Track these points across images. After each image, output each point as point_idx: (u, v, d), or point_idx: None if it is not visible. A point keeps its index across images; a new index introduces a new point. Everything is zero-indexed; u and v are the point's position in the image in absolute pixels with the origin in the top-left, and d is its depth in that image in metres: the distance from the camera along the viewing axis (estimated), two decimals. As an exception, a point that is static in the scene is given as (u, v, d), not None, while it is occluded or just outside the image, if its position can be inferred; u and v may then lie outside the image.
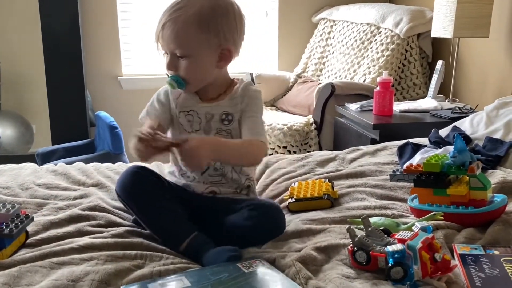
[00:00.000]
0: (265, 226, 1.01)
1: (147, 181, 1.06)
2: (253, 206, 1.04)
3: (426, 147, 1.53)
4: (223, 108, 1.13)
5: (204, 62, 1.09)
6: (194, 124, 1.14)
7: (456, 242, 0.96)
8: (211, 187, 1.13)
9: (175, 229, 1.01)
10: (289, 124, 2.54)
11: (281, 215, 1.06)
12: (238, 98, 1.13)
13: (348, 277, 0.84)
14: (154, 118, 1.14)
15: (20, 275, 0.82)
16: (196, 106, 1.14)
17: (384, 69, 2.63)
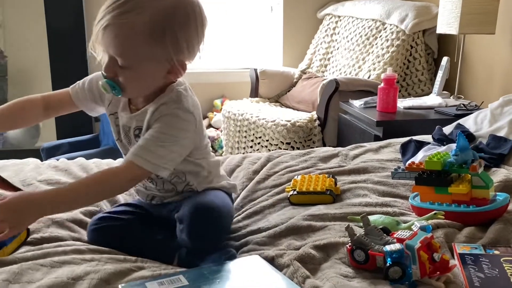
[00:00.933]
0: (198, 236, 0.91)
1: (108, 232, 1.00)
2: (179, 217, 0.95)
3: (430, 144, 1.51)
4: (137, 122, 1.00)
5: (149, 76, 0.94)
6: (121, 132, 1.05)
7: (456, 241, 0.95)
8: (151, 192, 1.08)
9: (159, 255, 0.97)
10: (293, 120, 2.53)
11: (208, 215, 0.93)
12: (149, 112, 0.96)
13: (346, 276, 0.84)
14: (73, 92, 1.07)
15: (21, 272, 0.82)
16: (120, 113, 1.03)
17: (389, 65, 2.62)
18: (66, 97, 1.09)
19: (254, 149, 2.66)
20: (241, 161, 1.53)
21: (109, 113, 1.07)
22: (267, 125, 2.56)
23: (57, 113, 1.13)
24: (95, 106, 1.10)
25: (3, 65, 3.16)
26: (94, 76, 1.08)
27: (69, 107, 1.11)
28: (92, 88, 1.07)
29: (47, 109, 1.10)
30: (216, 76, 3.52)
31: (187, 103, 0.97)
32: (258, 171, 1.44)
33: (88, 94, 1.08)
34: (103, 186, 0.94)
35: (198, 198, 0.99)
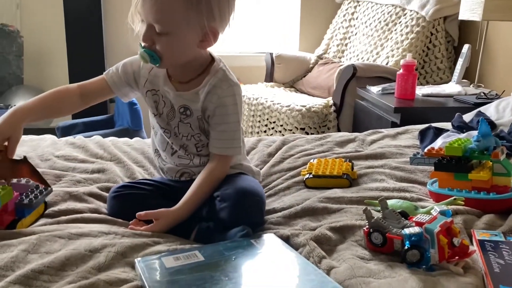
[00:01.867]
0: (239, 216, 0.95)
1: (129, 200, 1.03)
2: (222, 196, 0.98)
3: (449, 131, 1.49)
4: (184, 100, 1.04)
5: (185, 42, 0.98)
6: (159, 107, 1.08)
7: (476, 228, 0.94)
8: (182, 169, 1.11)
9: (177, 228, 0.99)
10: (308, 106, 2.51)
11: (252, 201, 0.97)
12: (202, 95, 1.02)
13: (363, 258, 0.83)
14: (109, 78, 1.09)
15: (39, 243, 0.83)
16: (163, 88, 1.06)
17: (408, 52, 2.57)
18: (103, 84, 1.11)
19: (268, 134, 2.65)
20: (256, 144, 1.53)
21: (146, 90, 1.09)
22: (282, 110, 2.55)
23: (94, 100, 1.14)
24: (129, 90, 1.12)
25: (20, 45, 3.18)
26: (128, 60, 1.11)
27: (105, 94, 1.13)
28: (127, 70, 1.10)
29: (84, 97, 1.12)
30: (231, 60, 3.48)
31: (232, 77, 1.06)
32: (273, 154, 1.44)
33: (123, 77, 1.10)
34: (214, 183, 1.03)
35: (240, 182, 1.02)
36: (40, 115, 1.09)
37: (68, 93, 1.10)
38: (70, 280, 0.74)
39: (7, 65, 3.16)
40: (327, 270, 0.79)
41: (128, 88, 1.11)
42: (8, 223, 0.90)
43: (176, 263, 0.80)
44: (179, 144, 1.09)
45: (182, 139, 1.08)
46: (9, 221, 0.90)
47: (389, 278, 0.75)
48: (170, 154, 1.11)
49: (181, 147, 1.09)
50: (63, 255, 0.79)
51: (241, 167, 1.13)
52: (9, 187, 0.90)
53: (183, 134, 1.08)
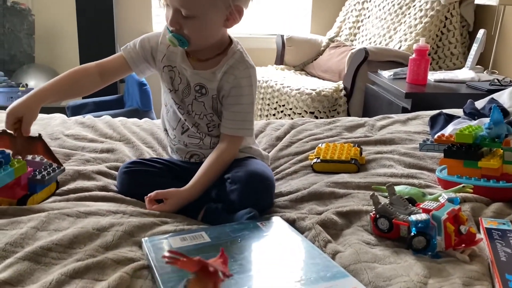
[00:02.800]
0: (250, 199, 0.95)
1: (140, 176, 1.04)
2: (233, 179, 0.98)
3: (460, 118, 1.47)
4: (201, 79, 1.05)
5: (212, 23, 0.99)
6: (174, 83, 1.08)
7: (484, 216, 0.93)
8: (192, 151, 1.12)
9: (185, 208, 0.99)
10: (318, 89, 2.49)
11: (263, 184, 0.98)
12: (219, 75, 1.03)
13: (369, 243, 0.83)
14: (127, 54, 1.09)
15: (49, 221, 0.84)
16: (180, 65, 1.07)
17: (421, 36, 2.53)
18: (121, 61, 1.11)
19: (277, 117, 2.64)
20: (264, 127, 1.52)
21: (164, 65, 1.09)
22: (291, 93, 2.53)
23: (113, 78, 1.14)
24: (146, 67, 1.12)
25: (31, 23, 3.17)
26: (145, 36, 1.11)
27: (123, 71, 1.13)
28: (145, 46, 1.10)
29: (103, 76, 1.11)
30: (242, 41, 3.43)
31: (249, 59, 1.07)
32: (281, 137, 1.43)
33: (141, 53, 1.10)
34: (224, 164, 1.05)
35: (251, 166, 1.02)
36: (59, 97, 1.10)
37: (87, 73, 1.10)
38: (78, 258, 0.75)
39: (18, 43, 3.16)
40: (332, 255, 0.79)
41: (146, 64, 1.11)
42: (19, 197, 0.91)
43: (183, 244, 0.81)
44: (192, 122, 1.09)
45: (195, 117, 1.09)
46: (21, 195, 0.91)
47: (394, 264, 0.75)
48: (180, 132, 1.11)
49: (193, 125, 1.10)
50: (71, 233, 0.80)
51: (250, 151, 1.14)
52: (23, 162, 0.92)
53: (196, 112, 1.08)
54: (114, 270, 0.72)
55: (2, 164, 0.88)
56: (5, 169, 0.88)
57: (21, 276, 0.70)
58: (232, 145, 1.06)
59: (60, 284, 0.68)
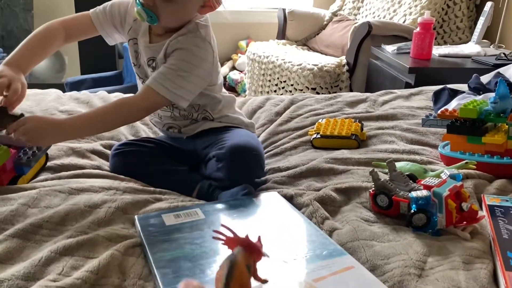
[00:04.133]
0: (238, 174, 0.93)
1: (132, 157, 1.01)
2: (218, 156, 0.95)
3: (465, 93, 1.43)
4: (152, 52, 1.02)
5: (188, 9, 0.97)
6: (139, 57, 1.05)
7: (486, 193, 0.90)
8: (167, 123, 1.09)
9: (179, 185, 0.97)
10: (320, 65, 2.44)
11: (249, 156, 0.94)
12: (169, 45, 0.98)
13: (367, 220, 0.81)
14: (94, 16, 1.06)
15: (40, 197, 0.83)
16: (140, 39, 1.04)
17: (427, 9, 2.45)
18: (86, 21, 1.08)
19: (278, 93, 2.60)
20: (263, 103, 1.49)
21: (129, 38, 1.07)
22: (293, 69, 2.48)
23: (77, 38, 1.12)
24: (114, 32, 1.09)
25: (28, -2, 3.11)
26: (116, 2, 1.08)
27: (89, 31, 1.09)
28: (114, 12, 1.07)
29: (68, 36, 1.09)
30: (242, 15, 3.39)
31: (204, 33, 1.00)
32: (280, 113, 1.40)
33: (109, 17, 1.07)
34: (121, 112, 0.95)
35: (233, 139, 0.98)
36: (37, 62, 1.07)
37: (53, 32, 1.06)
38: (69, 235, 0.73)
39: (15, 18, 3.11)
40: (329, 232, 0.77)
41: (113, 29, 1.08)
42: (8, 181, 0.89)
43: (176, 221, 0.79)
44: None
45: None
46: (10, 178, 0.89)
47: (393, 242, 0.73)
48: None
49: None
50: (62, 210, 0.79)
51: (228, 119, 1.10)
52: (5, 147, 0.88)
53: None
54: (106, 248, 0.71)
55: None
56: None
57: (10, 254, 0.68)
58: (142, 95, 0.96)
59: (49, 261, 0.66)
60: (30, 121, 0.87)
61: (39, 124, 0.88)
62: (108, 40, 1.11)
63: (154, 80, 0.95)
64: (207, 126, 1.08)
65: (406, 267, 0.66)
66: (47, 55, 1.10)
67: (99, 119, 0.94)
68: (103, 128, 0.99)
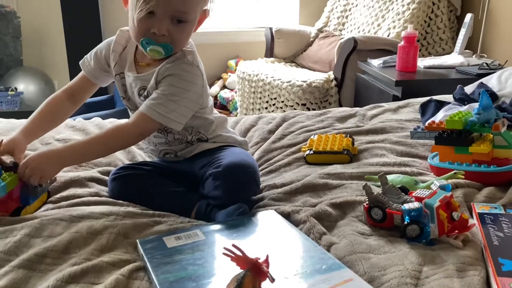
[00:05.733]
0: (235, 191, 0.96)
1: (130, 180, 1.03)
2: (214, 174, 0.97)
3: (450, 104, 1.48)
4: (143, 81, 1.04)
5: (193, 28, 1.02)
6: (127, 91, 1.09)
7: (476, 201, 0.94)
8: (163, 149, 1.12)
9: (178, 206, 0.99)
10: (309, 81, 2.49)
11: (245, 174, 0.97)
12: (159, 73, 1.01)
13: (363, 233, 0.83)
14: (87, 72, 1.12)
15: (42, 227, 0.84)
16: (127, 72, 1.07)
17: (410, 23, 2.53)
18: (85, 81, 1.13)
19: (269, 110, 2.64)
20: (256, 121, 1.52)
21: (115, 73, 1.10)
22: (283, 86, 2.53)
23: (83, 99, 1.16)
24: (106, 76, 1.13)
25: (17, 26, 3.14)
26: (97, 48, 1.13)
27: (91, 89, 1.15)
28: (98, 57, 1.11)
29: (73, 100, 1.14)
30: (230, 35, 3.45)
31: (191, 58, 1.04)
32: (273, 131, 1.43)
33: (97, 65, 1.11)
34: (115, 139, 0.99)
35: (229, 157, 1.01)
36: (43, 133, 1.15)
37: (58, 103, 1.13)
38: (73, 262, 0.75)
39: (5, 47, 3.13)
40: (327, 247, 0.79)
41: (103, 73, 1.12)
42: (12, 210, 0.90)
43: (178, 243, 0.81)
44: None
45: None
46: (14, 208, 0.91)
47: (389, 254, 0.76)
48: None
49: None
50: (65, 238, 0.80)
51: (222, 138, 1.13)
52: (15, 175, 0.91)
53: None
54: (110, 273, 0.72)
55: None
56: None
57: (16, 285, 0.70)
58: (135, 121, 0.99)
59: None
60: (32, 161, 0.92)
61: (41, 160, 0.93)
62: (104, 85, 1.16)
63: (146, 106, 0.98)
64: (203, 148, 1.10)
65: (403, 277, 0.68)
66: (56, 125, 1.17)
67: (95, 146, 0.98)
68: (99, 154, 1.03)
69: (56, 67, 3.28)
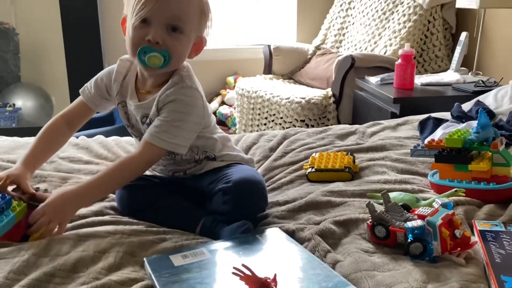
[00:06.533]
0: (243, 207, 0.98)
1: (137, 191, 1.05)
2: (224, 190, 0.98)
3: (448, 121, 1.50)
4: (144, 109, 1.06)
5: (189, 45, 1.03)
6: (130, 118, 1.11)
7: (476, 218, 0.95)
8: (171, 168, 1.13)
9: (183, 220, 1.01)
10: (307, 98, 2.52)
11: (254, 190, 0.99)
12: (159, 100, 1.03)
13: (367, 251, 0.85)
14: (87, 100, 1.13)
15: (49, 246, 0.84)
16: (129, 101, 1.09)
17: (406, 40, 2.57)
18: (83, 107, 1.15)
19: (268, 127, 2.66)
20: (257, 139, 1.54)
21: (117, 102, 1.12)
22: (281, 103, 2.55)
23: (80, 124, 1.18)
24: (106, 103, 1.15)
25: (16, 42, 3.16)
26: (98, 76, 1.14)
27: (88, 113, 1.17)
28: (99, 85, 1.13)
29: (71, 125, 1.16)
30: (229, 53, 3.50)
31: (189, 82, 1.05)
32: (274, 148, 1.45)
33: (97, 93, 1.13)
34: (126, 171, 1.01)
35: (238, 173, 1.03)
36: (43, 161, 1.16)
37: (57, 129, 1.14)
38: (82, 282, 0.75)
39: (5, 64, 3.15)
40: (332, 264, 0.80)
41: (105, 102, 1.14)
42: (20, 237, 0.91)
43: (184, 261, 0.82)
44: None
45: None
46: (22, 235, 0.91)
47: (393, 271, 0.77)
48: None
49: None
50: (73, 257, 0.81)
51: (229, 157, 1.14)
52: (24, 204, 0.91)
53: None
54: (119, 292, 0.73)
55: (4, 210, 0.87)
56: (7, 215, 0.87)
57: (26, 304, 0.70)
58: (143, 151, 1.01)
59: (66, 309, 0.68)
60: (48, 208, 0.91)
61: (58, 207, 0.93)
62: (104, 112, 1.19)
63: (150, 134, 1.01)
64: (212, 166, 1.12)
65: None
66: (55, 151, 1.18)
67: (108, 182, 1.00)
68: (113, 188, 1.05)
69: (54, 83, 3.30)
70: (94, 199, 1.04)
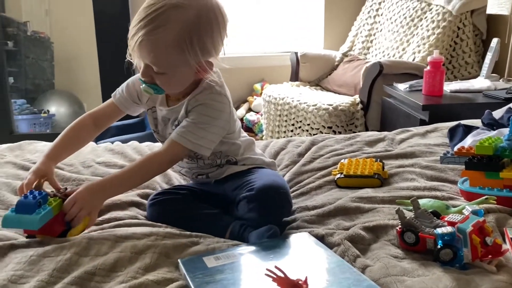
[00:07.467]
0: (269, 213, 1.00)
1: (167, 205, 1.09)
2: (248, 198, 1.01)
3: (479, 129, 1.49)
4: (174, 113, 1.10)
5: (182, 77, 1.05)
6: (158, 125, 1.15)
7: (508, 226, 0.94)
8: (195, 172, 1.17)
9: (213, 227, 1.04)
10: (335, 104, 2.52)
11: (278, 195, 1.01)
12: (189, 104, 1.07)
13: (396, 257, 0.85)
14: (118, 102, 1.17)
15: (89, 246, 0.89)
16: (159, 106, 1.13)
17: (435, 47, 2.55)
18: (113, 109, 1.20)
19: (295, 133, 2.68)
20: (285, 145, 1.56)
21: (147, 108, 1.17)
22: (309, 109, 2.57)
23: (107, 124, 1.23)
24: (136, 107, 1.20)
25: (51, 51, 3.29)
26: (130, 81, 1.19)
27: (117, 116, 1.22)
28: (130, 90, 1.18)
29: (98, 124, 1.21)
30: (256, 60, 3.54)
31: (219, 87, 1.08)
32: (303, 154, 1.47)
33: (129, 97, 1.18)
34: (150, 167, 1.06)
35: (260, 179, 1.05)
36: (67, 155, 1.21)
37: (83, 127, 1.19)
38: (121, 280, 0.79)
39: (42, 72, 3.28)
40: (361, 269, 0.82)
41: (134, 105, 1.19)
42: (59, 233, 0.96)
43: (217, 263, 0.84)
44: None
45: None
46: (60, 231, 0.96)
47: (422, 277, 0.78)
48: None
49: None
50: (112, 257, 0.85)
51: (250, 161, 1.17)
52: (60, 199, 0.96)
53: None
54: (156, 291, 0.76)
55: (41, 204, 0.93)
56: (44, 209, 0.92)
57: (70, 300, 0.74)
58: (167, 149, 1.05)
59: (106, 306, 0.72)
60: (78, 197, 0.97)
61: (86, 196, 0.98)
62: (133, 114, 1.23)
63: (177, 134, 1.05)
64: (232, 171, 1.15)
65: (438, 300, 0.70)
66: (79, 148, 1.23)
67: (133, 176, 1.05)
68: (137, 183, 1.10)
69: (86, 90, 3.41)
70: (120, 192, 1.08)
